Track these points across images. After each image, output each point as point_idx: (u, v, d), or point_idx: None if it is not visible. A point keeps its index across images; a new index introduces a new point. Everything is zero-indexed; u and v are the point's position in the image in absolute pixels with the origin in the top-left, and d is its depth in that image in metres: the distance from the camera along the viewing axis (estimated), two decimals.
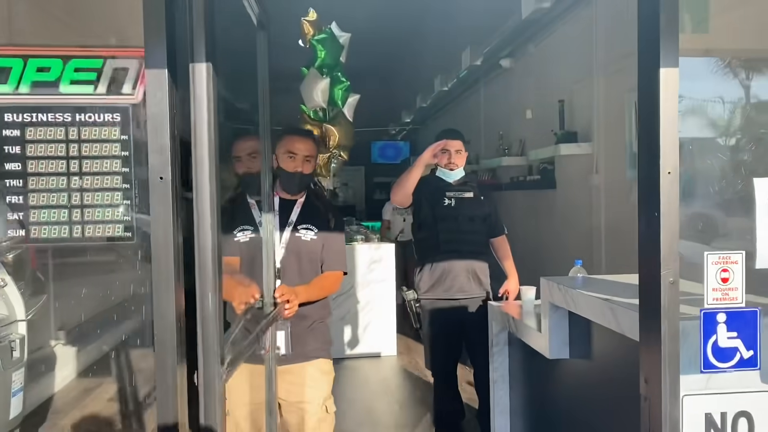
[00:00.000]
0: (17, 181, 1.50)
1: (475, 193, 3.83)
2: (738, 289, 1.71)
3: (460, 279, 3.73)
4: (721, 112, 2.81)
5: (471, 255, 3.76)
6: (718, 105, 2.81)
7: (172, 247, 1.46)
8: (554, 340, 2.68)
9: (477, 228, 3.79)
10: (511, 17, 6.60)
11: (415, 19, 9.93)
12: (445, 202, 3.76)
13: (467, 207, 3.78)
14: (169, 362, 1.48)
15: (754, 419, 1.76)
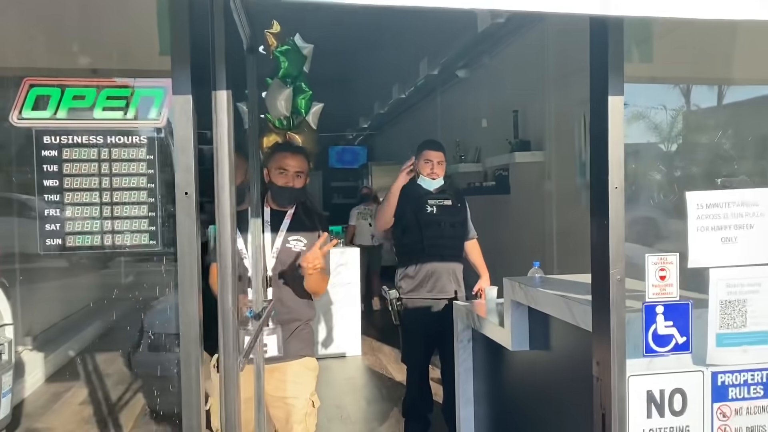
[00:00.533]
0: (55, 195, 1.69)
1: (453, 200, 4.11)
2: (673, 285, 2.02)
3: (443, 280, 4.02)
4: (664, 136, 3.15)
5: (452, 258, 4.06)
6: (662, 130, 3.17)
7: (195, 253, 1.68)
8: (516, 333, 2.96)
9: (457, 233, 4.09)
10: (468, 30, 6.93)
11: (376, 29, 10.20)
12: (428, 209, 4.03)
13: (448, 213, 4.06)
14: (193, 354, 1.69)
15: (687, 394, 2.08)
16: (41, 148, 1.68)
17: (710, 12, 1.61)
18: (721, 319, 2.06)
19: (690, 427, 2.08)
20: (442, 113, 9.99)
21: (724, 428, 2.09)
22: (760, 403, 2.11)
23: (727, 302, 2.06)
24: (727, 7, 1.64)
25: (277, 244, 2.91)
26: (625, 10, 1.56)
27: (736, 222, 2.06)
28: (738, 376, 2.10)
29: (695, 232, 2.04)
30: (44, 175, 1.69)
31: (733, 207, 2.05)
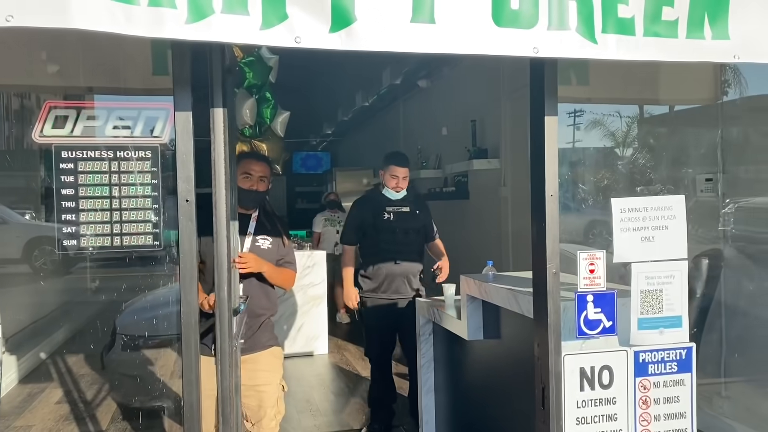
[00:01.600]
0: (71, 202, 1.95)
1: (412, 207, 4.42)
2: (601, 277, 2.38)
3: (396, 282, 4.36)
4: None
5: (406, 262, 4.37)
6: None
7: (195, 251, 1.96)
8: (471, 324, 3.30)
9: (411, 239, 4.40)
10: None
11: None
12: (385, 216, 4.36)
13: (404, 220, 4.37)
14: (192, 338, 1.98)
15: (614, 370, 2.44)
16: (60, 162, 1.94)
17: (622, 55, 1.98)
18: (642, 306, 2.42)
19: (616, 398, 2.43)
20: (404, 121, 10.34)
21: (645, 399, 2.46)
22: (675, 377, 2.48)
23: (647, 291, 2.42)
24: (636, 50, 2.01)
25: (247, 244, 3.17)
26: (551, 53, 1.91)
27: (654, 224, 2.42)
28: (656, 354, 2.46)
29: (619, 232, 2.40)
30: (62, 184, 1.94)
31: (651, 211, 2.42)
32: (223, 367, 2.01)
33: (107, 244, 1.98)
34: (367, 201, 4.51)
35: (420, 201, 4.57)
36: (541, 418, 2.35)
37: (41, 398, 5.27)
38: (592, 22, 1.91)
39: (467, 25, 1.83)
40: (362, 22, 1.76)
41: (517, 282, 3.07)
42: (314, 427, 4.70)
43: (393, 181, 4.35)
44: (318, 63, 10.93)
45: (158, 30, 1.66)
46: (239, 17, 1.71)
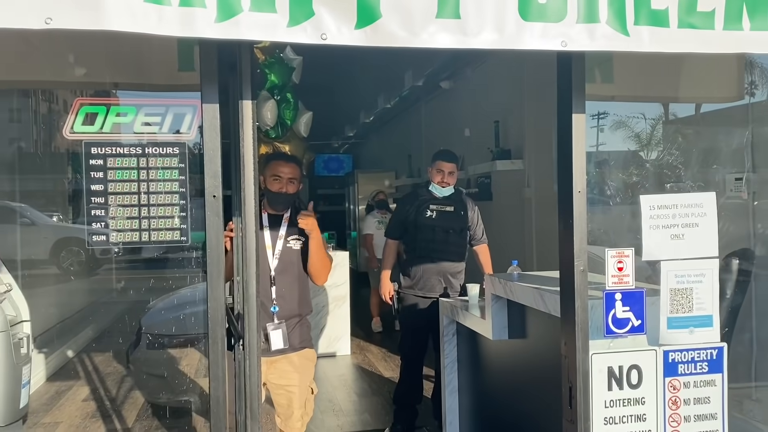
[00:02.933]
0: (101, 198, 1.97)
1: (456, 207, 4.36)
2: (630, 275, 2.34)
3: (432, 281, 4.33)
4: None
5: (443, 261, 4.33)
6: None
7: (222, 246, 1.98)
8: (496, 324, 3.27)
9: (451, 239, 4.34)
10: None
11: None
12: (427, 214, 4.31)
13: (445, 220, 4.31)
14: (219, 332, 1.99)
15: (642, 370, 2.40)
16: (89, 158, 1.97)
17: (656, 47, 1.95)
18: (671, 305, 2.38)
19: (645, 398, 2.40)
20: (426, 123, 10.33)
21: (675, 399, 2.42)
22: (706, 378, 2.43)
23: (676, 290, 2.38)
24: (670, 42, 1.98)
25: (279, 246, 3.17)
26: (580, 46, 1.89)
27: (684, 221, 2.39)
28: (686, 354, 2.42)
29: (648, 229, 2.37)
30: (91, 180, 1.97)
31: (681, 208, 2.38)
32: (251, 363, 2.01)
33: (135, 239, 1.99)
34: (412, 197, 4.51)
35: (467, 202, 4.50)
36: (569, 417, 2.32)
37: (68, 396, 5.35)
38: (624, 14, 1.89)
39: (493, 19, 1.82)
40: (388, 18, 1.77)
41: (542, 281, 3.04)
42: (337, 426, 4.71)
43: (439, 176, 4.32)
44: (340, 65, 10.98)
45: (189, 29, 1.69)
46: (267, 15, 1.73)
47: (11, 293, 3.59)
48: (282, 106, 7.66)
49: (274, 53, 7.68)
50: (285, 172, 3.17)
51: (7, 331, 3.31)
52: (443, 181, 4.32)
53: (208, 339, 2.00)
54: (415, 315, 4.39)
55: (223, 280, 2.00)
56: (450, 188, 4.36)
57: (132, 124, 2.01)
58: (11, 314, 3.50)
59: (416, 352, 4.45)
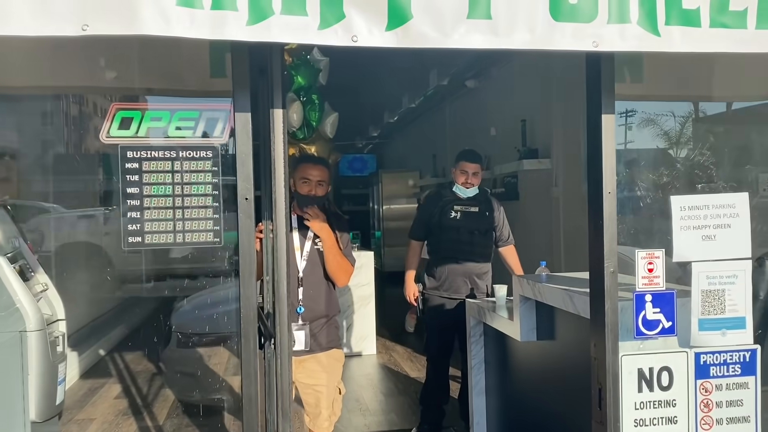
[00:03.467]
0: (136, 201, 2.02)
1: (481, 208, 4.35)
2: (660, 276, 2.33)
3: (457, 282, 4.32)
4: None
5: (469, 262, 4.32)
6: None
7: (254, 249, 2.01)
8: (524, 325, 3.27)
9: (476, 240, 4.33)
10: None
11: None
12: (452, 215, 4.30)
13: (470, 220, 4.30)
14: (251, 331, 2.02)
15: (673, 372, 2.38)
16: (125, 161, 2.02)
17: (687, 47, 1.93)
18: (703, 307, 2.36)
19: (676, 400, 2.38)
20: (451, 122, 10.31)
21: (707, 401, 2.39)
22: (738, 380, 2.41)
23: (708, 291, 2.36)
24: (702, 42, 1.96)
25: (307, 247, 3.21)
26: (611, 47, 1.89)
27: (715, 222, 2.36)
28: (718, 356, 2.39)
29: (679, 230, 2.35)
30: (127, 183, 2.02)
31: (713, 209, 2.36)
32: (282, 362, 2.05)
33: (170, 240, 2.04)
34: (437, 198, 4.49)
35: (491, 203, 4.48)
36: (598, 419, 2.31)
37: (101, 393, 5.45)
38: (655, 15, 1.88)
39: (524, 20, 1.82)
40: (419, 19, 1.78)
41: (571, 282, 3.03)
42: (364, 426, 4.73)
43: (462, 176, 4.30)
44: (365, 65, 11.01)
45: (220, 32, 1.71)
46: (298, 18, 1.75)
47: (47, 292, 3.67)
48: (308, 107, 7.71)
49: (301, 55, 7.73)
50: (314, 174, 3.20)
51: (44, 330, 3.38)
52: (467, 182, 4.30)
53: (240, 337, 2.03)
54: (441, 316, 4.39)
55: (255, 279, 2.03)
56: (474, 189, 4.34)
57: (166, 128, 2.05)
58: (47, 313, 3.58)
59: (442, 353, 4.45)
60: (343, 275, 3.26)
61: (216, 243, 2.06)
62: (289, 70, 7.67)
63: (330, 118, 7.70)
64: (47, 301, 3.67)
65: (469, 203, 4.34)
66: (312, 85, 7.76)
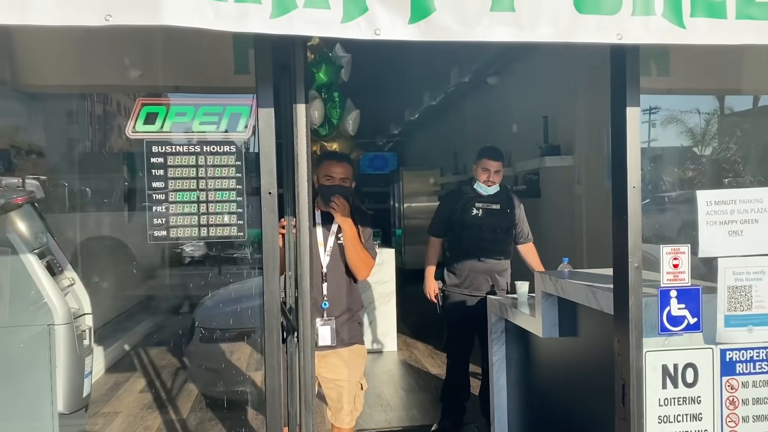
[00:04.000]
0: (161, 195, 2.05)
1: (503, 206, 4.32)
2: (685, 272, 2.30)
3: (479, 280, 4.32)
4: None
5: (490, 260, 4.32)
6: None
7: (277, 243, 2.03)
8: (546, 322, 3.25)
9: (498, 237, 4.32)
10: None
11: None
12: (473, 212, 4.28)
13: (492, 218, 4.28)
14: (275, 325, 2.04)
15: (698, 368, 2.36)
16: (150, 156, 2.04)
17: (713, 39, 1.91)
18: (729, 303, 2.33)
19: (701, 397, 2.35)
20: (472, 119, 10.27)
21: (732, 399, 2.36)
22: (765, 378, 2.38)
23: (734, 288, 2.33)
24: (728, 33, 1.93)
25: (330, 243, 3.22)
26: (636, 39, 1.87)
27: (742, 217, 2.33)
28: (744, 353, 2.36)
29: (705, 225, 2.32)
30: (153, 178, 2.04)
31: (739, 204, 2.33)
32: (305, 355, 2.06)
33: (195, 234, 2.06)
34: (457, 194, 4.45)
35: (512, 200, 4.45)
36: (621, 415, 2.29)
37: (126, 387, 5.53)
38: (680, 6, 1.86)
39: (548, 12, 1.81)
40: (441, 12, 1.77)
41: (593, 278, 3.01)
42: (385, 421, 4.75)
43: (484, 174, 4.28)
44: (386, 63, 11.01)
45: (244, 25, 1.72)
46: (321, 11, 1.75)
47: (74, 287, 3.74)
48: (329, 104, 7.73)
49: (322, 52, 7.75)
50: (337, 172, 3.20)
51: (71, 323, 3.44)
52: (489, 180, 4.28)
53: (264, 331, 2.05)
54: (461, 313, 4.38)
55: (278, 274, 2.05)
56: (496, 187, 4.31)
57: (190, 123, 2.07)
58: (74, 307, 3.65)
59: (463, 349, 4.45)
60: (364, 267, 3.24)
61: (240, 237, 2.08)
62: (311, 67, 7.69)
63: (352, 115, 7.70)
64: (74, 296, 3.74)
65: (491, 200, 4.32)
66: (333, 82, 7.78)
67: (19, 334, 3.31)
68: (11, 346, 3.26)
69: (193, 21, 1.66)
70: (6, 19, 1.58)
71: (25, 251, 3.37)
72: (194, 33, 1.75)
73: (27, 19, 1.59)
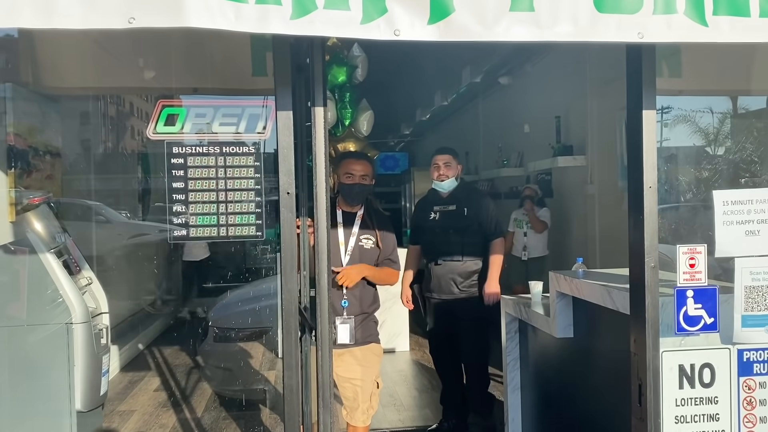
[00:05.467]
0: (181, 195, 2.08)
1: (459, 206, 4.23)
2: (702, 272, 2.30)
3: (443, 282, 4.28)
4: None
5: (448, 262, 4.25)
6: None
7: (295, 242, 2.05)
8: (561, 322, 3.25)
9: (452, 239, 4.22)
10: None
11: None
12: (431, 216, 4.30)
13: (447, 219, 4.24)
14: (293, 323, 2.06)
15: (715, 369, 2.35)
16: (171, 157, 2.07)
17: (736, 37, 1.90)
18: (746, 303, 2.33)
19: (718, 397, 2.35)
20: (484, 119, 10.26)
21: (750, 399, 2.36)
22: None
23: (752, 288, 2.33)
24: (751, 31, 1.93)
25: (351, 243, 3.25)
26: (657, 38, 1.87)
27: (759, 217, 2.32)
28: (762, 354, 2.36)
29: (722, 225, 2.32)
30: (173, 178, 2.07)
31: (756, 204, 2.32)
32: (323, 354, 2.08)
33: (214, 234, 2.08)
34: (422, 201, 4.52)
35: (473, 199, 4.33)
36: (638, 415, 2.30)
37: (141, 386, 5.58)
38: (702, 5, 1.86)
39: (567, 11, 1.82)
40: (461, 13, 1.78)
41: (608, 278, 3.01)
42: (399, 421, 4.76)
43: (435, 171, 4.28)
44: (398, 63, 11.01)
45: (265, 26, 1.74)
46: (341, 12, 1.77)
47: (91, 286, 3.78)
48: (340, 105, 7.74)
49: (334, 52, 7.76)
50: (357, 169, 3.25)
51: (89, 322, 3.48)
52: (440, 174, 4.25)
53: (282, 329, 2.07)
54: (436, 317, 4.40)
55: (296, 272, 2.07)
56: (451, 181, 4.26)
57: (210, 124, 2.10)
58: (92, 306, 3.68)
59: (441, 352, 4.47)
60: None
61: (258, 237, 2.10)
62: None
63: (365, 115, 7.70)
64: (92, 295, 3.77)
65: (448, 202, 4.27)
66: (346, 82, 7.78)
67: (38, 333, 3.35)
68: (30, 344, 3.30)
69: (214, 22, 1.69)
70: (33, 22, 1.61)
71: (43, 250, 3.41)
72: (213, 36, 1.77)
73: (53, 22, 1.62)
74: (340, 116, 7.71)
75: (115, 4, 1.66)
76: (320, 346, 2.08)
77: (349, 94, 7.82)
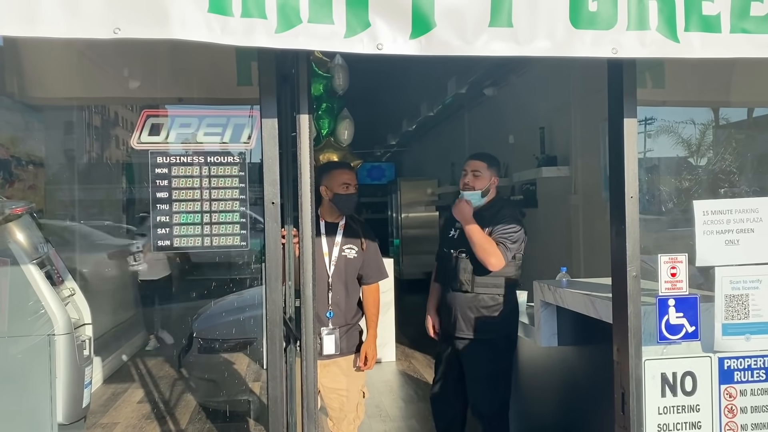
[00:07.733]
0: (165, 205, 2.07)
1: (483, 226, 3.34)
2: (683, 281, 2.33)
3: (452, 317, 3.46)
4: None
5: (457, 293, 3.43)
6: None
7: (280, 253, 2.05)
8: (545, 331, 3.27)
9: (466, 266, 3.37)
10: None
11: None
12: (450, 233, 3.52)
13: (465, 242, 3.35)
14: (276, 334, 2.05)
15: (697, 377, 2.38)
16: (155, 167, 2.07)
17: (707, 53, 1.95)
18: (726, 312, 2.36)
19: (700, 405, 2.37)
20: (469, 130, 10.32)
21: (731, 407, 2.38)
22: (763, 386, 2.40)
23: (732, 296, 2.36)
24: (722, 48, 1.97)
25: (335, 253, 3.25)
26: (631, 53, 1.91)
27: (739, 227, 2.36)
28: (742, 362, 2.39)
29: (702, 235, 2.35)
30: (157, 188, 2.07)
31: (736, 213, 2.36)
32: (308, 364, 2.08)
33: (198, 244, 2.08)
34: (448, 211, 3.75)
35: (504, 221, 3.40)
36: (621, 423, 2.31)
37: (124, 398, 5.52)
38: (674, 21, 1.90)
39: (545, 27, 1.85)
40: (442, 28, 1.81)
41: (592, 288, 3.03)
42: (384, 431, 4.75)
43: (461, 178, 3.49)
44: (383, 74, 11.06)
45: (250, 39, 1.75)
46: (324, 26, 1.79)
47: (74, 297, 3.74)
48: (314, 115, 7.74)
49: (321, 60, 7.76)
50: (352, 179, 3.30)
51: (71, 334, 3.45)
52: (465, 183, 3.43)
53: (267, 340, 2.06)
54: (439, 357, 3.70)
55: (281, 283, 2.07)
56: (475, 194, 3.39)
57: (194, 134, 2.10)
58: (75, 317, 3.65)
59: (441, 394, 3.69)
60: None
61: (242, 246, 2.10)
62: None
63: (343, 124, 7.69)
64: (75, 306, 3.74)
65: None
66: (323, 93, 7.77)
67: (20, 344, 3.31)
68: (12, 356, 3.26)
69: (201, 35, 1.69)
70: (15, 31, 1.61)
71: (25, 261, 3.38)
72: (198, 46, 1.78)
73: (36, 31, 1.61)
74: (317, 126, 7.71)
75: (100, 14, 1.66)
76: (305, 356, 2.08)
77: (325, 104, 7.82)
